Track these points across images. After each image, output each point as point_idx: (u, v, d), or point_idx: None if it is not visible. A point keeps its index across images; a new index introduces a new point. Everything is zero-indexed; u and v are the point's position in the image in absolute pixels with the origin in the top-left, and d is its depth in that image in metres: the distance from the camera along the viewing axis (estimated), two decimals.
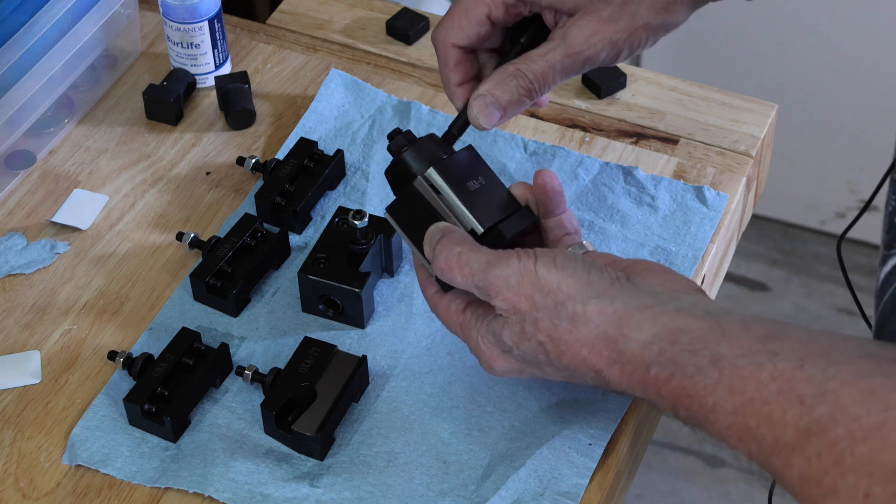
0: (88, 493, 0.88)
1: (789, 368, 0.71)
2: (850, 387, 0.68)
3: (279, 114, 1.12)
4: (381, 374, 0.93)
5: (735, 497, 1.92)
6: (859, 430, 0.66)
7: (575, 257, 0.81)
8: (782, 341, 0.73)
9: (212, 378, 0.92)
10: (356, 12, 1.20)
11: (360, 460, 0.88)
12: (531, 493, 0.85)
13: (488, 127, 0.88)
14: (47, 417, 0.92)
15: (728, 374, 0.73)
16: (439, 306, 0.86)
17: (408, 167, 0.87)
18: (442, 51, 0.90)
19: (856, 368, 0.69)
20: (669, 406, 0.77)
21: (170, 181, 1.07)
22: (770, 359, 0.72)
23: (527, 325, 0.80)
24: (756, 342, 0.74)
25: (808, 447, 0.68)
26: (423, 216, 0.86)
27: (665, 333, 0.77)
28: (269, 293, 0.98)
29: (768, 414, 0.71)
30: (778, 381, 0.71)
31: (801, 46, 2.01)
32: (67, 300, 0.99)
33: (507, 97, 0.87)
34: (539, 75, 0.87)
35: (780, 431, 0.70)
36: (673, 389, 0.76)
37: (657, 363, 0.77)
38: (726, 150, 1.08)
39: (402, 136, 0.88)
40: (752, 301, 2.14)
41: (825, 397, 0.68)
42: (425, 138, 0.88)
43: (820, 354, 0.71)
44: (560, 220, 0.88)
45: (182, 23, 1.10)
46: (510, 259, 0.81)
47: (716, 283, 1.07)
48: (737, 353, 0.74)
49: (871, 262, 2.16)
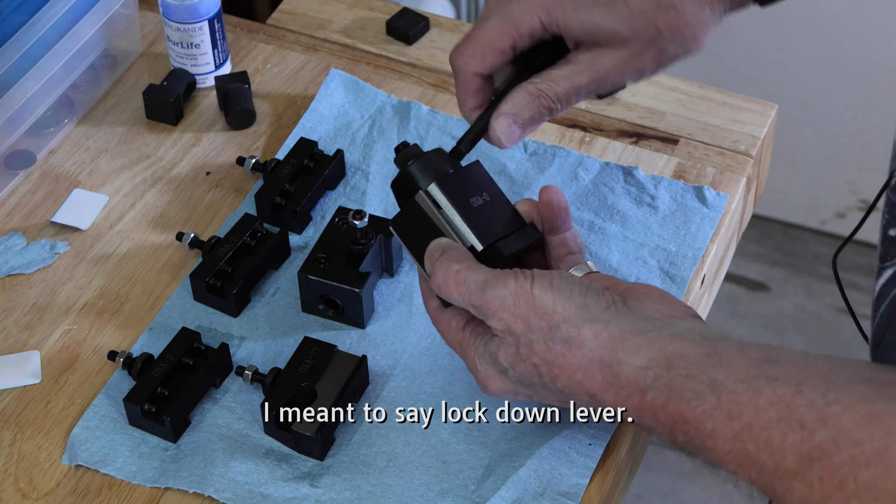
0: (88, 493, 0.88)
1: (788, 394, 0.71)
2: (852, 412, 0.68)
3: (279, 114, 1.12)
4: (381, 374, 0.93)
5: (735, 497, 1.92)
6: (862, 455, 0.66)
7: (572, 279, 0.81)
8: (779, 366, 0.73)
9: (212, 378, 0.92)
10: (356, 12, 1.20)
11: (360, 460, 0.88)
12: (531, 493, 0.85)
13: (509, 146, 0.88)
14: (47, 417, 0.92)
15: (726, 400, 0.73)
16: (440, 321, 0.86)
17: (412, 180, 0.87)
18: (463, 78, 0.89)
19: (856, 393, 0.69)
20: (667, 431, 0.76)
21: (170, 181, 1.07)
22: (768, 384, 0.72)
23: (521, 347, 0.80)
24: (753, 367, 0.73)
25: (809, 472, 0.68)
26: (425, 231, 0.86)
27: (661, 358, 0.76)
28: (269, 293, 0.98)
29: (767, 439, 0.70)
30: (777, 406, 0.71)
31: (801, 46, 2.01)
32: (67, 300, 0.99)
33: (529, 116, 0.87)
34: (563, 96, 0.86)
35: (780, 456, 0.70)
36: (670, 415, 0.75)
37: (653, 388, 0.76)
38: (726, 150, 1.08)
39: (410, 150, 0.88)
40: (752, 301, 2.14)
41: (826, 422, 0.68)
42: (432, 152, 0.87)
43: (818, 379, 0.71)
44: (564, 238, 0.88)
45: (182, 23, 1.10)
46: (507, 279, 0.80)
47: (716, 283, 1.07)
48: (734, 379, 0.73)
49: (872, 263, 2.16)
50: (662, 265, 0.99)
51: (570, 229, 0.88)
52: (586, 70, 0.86)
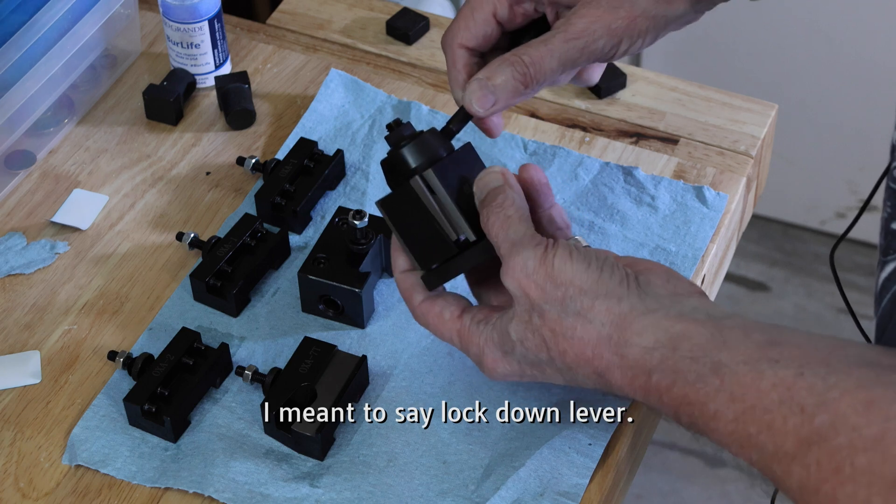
0: (88, 493, 0.88)
1: (790, 376, 0.71)
2: (850, 397, 0.69)
3: (279, 114, 1.12)
4: (381, 374, 0.93)
5: (735, 497, 1.92)
6: (859, 440, 0.67)
7: (590, 252, 0.81)
8: (782, 348, 0.73)
9: (212, 378, 0.92)
10: (356, 12, 1.20)
11: (360, 460, 0.88)
12: (531, 493, 0.85)
13: (482, 112, 0.87)
14: (47, 417, 0.92)
15: (729, 382, 0.73)
16: (429, 314, 0.86)
17: (405, 163, 0.86)
18: (450, 52, 0.89)
19: (856, 378, 0.70)
20: (671, 412, 0.77)
21: (170, 181, 1.07)
22: (770, 366, 0.72)
23: (534, 317, 0.80)
24: (756, 349, 0.74)
25: (808, 455, 0.69)
26: (417, 216, 0.86)
27: (667, 339, 0.77)
28: (269, 293, 0.98)
29: (769, 422, 0.71)
30: (779, 388, 0.71)
31: (801, 46, 2.01)
32: (67, 300, 0.99)
33: (501, 80, 0.86)
34: (536, 60, 0.86)
35: (780, 439, 0.70)
36: (675, 397, 0.76)
37: (658, 370, 0.77)
38: (726, 150, 1.08)
39: (402, 129, 0.87)
40: (752, 301, 2.14)
41: (825, 406, 0.69)
42: (426, 134, 0.87)
43: (820, 362, 0.71)
44: (550, 215, 0.88)
45: (182, 23, 1.10)
46: (537, 244, 0.81)
47: (716, 283, 1.07)
48: (737, 361, 0.74)
49: (871, 262, 2.16)
50: None
51: (554, 205, 0.88)
52: (560, 32, 0.86)
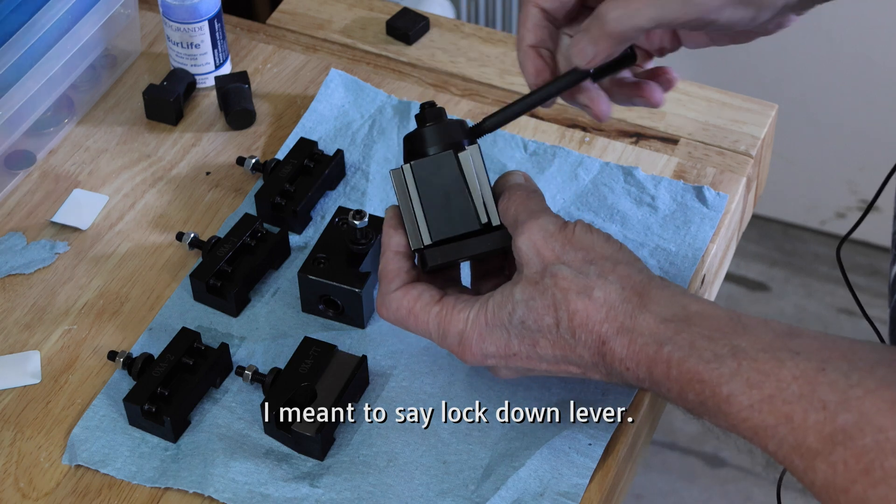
0: (88, 493, 0.88)
1: (811, 369, 0.71)
2: (874, 396, 0.68)
3: (279, 114, 1.12)
4: (381, 374, 0.93)
5: (735, 497, 1.92)
6: (887, 442, 0.67)
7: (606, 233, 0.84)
8: (802, 340, 0.73)
9: (212, 378, 0.92)
10: (356, 12, 1.20)
11: (360, 460, 0.88)
12: (531, 493, 0.85)
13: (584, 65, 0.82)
14: (47, 417, 0.92)
15: (747, 367, 0.73)
16: (406, 298, 0.85)
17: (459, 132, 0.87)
18: (524, 9, 0.87)
19: (878, 377, 0.69)
20: (676, 389, 0.76)
21: (170, 181, 1.07)
22: (791, 357, 0.72)
23: (546, 278, 0.81)
24: (776, 338, 0.73)
25: (833, 454, 0.68)
26: (446, 188, 0.86)
27: (684, 315, 0.77)
28: (269, 293, 0.98)
29: (789, 414, 0.70)
30: (799, 381, 0.71)
31: (801, 46, 2.01)
32: (67, 300, 0.99)
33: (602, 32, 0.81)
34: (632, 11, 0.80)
35: (801, 434, 0.70)
36: (685, 372, 0.75)
37: (672, 342, 0.76)
38: (726, 150, 1.08)
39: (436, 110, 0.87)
40: (752, 301, 2.14)
41: (848, 405, 0.69)
42: (454, 122, 0.88)
43: (840, 358, 0.71)
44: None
45: (182, 23, 1.10)
46: (557, 217, 0.83)
47: (716, 283, 1.07)
48: (757, 348, 0.73)
49: (872, 263, 2.16)
50: (662, 265, 0.99)
51: None
52: None
